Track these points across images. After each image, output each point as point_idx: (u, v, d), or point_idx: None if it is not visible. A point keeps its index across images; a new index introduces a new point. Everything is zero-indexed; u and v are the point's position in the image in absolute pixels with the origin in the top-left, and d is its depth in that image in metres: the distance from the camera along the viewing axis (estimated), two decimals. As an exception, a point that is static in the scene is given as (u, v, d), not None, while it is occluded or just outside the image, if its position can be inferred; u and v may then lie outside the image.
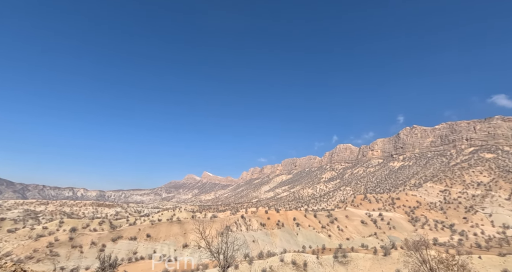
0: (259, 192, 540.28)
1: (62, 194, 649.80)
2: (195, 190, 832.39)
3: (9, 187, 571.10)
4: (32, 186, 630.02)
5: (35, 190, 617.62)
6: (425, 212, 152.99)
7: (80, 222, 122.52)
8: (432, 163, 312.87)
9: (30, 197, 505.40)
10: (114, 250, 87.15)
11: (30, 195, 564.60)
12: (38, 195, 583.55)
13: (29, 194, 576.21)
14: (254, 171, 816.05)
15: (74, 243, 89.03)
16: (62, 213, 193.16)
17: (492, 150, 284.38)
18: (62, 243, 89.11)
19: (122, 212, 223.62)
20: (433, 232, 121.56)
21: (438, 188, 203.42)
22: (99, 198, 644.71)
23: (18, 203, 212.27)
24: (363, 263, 65.70)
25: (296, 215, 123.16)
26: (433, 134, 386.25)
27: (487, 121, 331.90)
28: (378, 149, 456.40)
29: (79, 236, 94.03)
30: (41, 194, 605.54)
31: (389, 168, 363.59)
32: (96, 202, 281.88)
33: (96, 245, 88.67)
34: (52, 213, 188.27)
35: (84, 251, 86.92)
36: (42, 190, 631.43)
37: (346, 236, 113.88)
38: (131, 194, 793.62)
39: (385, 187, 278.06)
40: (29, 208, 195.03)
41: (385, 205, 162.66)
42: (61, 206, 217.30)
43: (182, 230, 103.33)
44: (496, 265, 61.67)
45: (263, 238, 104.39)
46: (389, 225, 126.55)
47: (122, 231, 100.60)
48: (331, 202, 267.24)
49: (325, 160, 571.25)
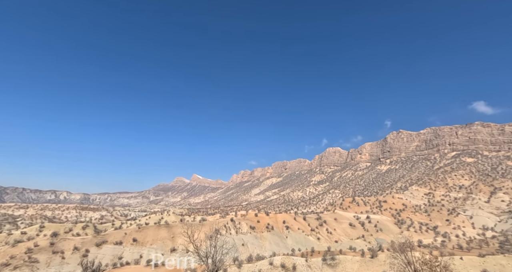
0: (249, 195, 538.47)
1: (43, 197, 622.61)
2: (184, 193, 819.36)
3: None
4: (10, 189, 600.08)
5: (13, 193, 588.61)
6: (410, 214, 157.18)
7: (62, 227, 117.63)
8: (417, 166, 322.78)
9: (8, 201, 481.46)
10: (98, 256, 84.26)
11: (8, 199, 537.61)
12: (17, 198, 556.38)
13: (7, 198, 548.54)
14: (245, 173, 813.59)
15: (55, 249, 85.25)
16: (43, 217, 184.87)
17: (472, 155, 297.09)
18: (42, 249, 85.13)
19: (108, 215, 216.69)
20: (418, 234, 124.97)
21: (423, 191, 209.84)
22: (83, 202, 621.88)
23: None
24: (351, 266, 66.56)
25: (286, 218, 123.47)
26: (418, 139, 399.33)
27: (468, 127, 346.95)
28: (366, 153, 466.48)
29: (60, 241, 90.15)
30: (20, 197, 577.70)
31: (377, 172, 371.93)
32: (80, 205, 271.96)
33: (79, 251, 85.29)
34: (32, 218, 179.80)
35: (66, 257, 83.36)
36: (21, 193, 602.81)
37: (334, 238, 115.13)
38: (117, 197, 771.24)
39: (373, 190, 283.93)
40: (6, 213, 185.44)
41: (373, 208, 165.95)
42: (42, 210, 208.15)
43: (170, 234, 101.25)
44: (476, 265, 64.06)
45: (253, 241, 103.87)
46: (376, 227, 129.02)
47: (107, 236, 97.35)
48: (320, 205, 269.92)
49: (315, 163, 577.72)
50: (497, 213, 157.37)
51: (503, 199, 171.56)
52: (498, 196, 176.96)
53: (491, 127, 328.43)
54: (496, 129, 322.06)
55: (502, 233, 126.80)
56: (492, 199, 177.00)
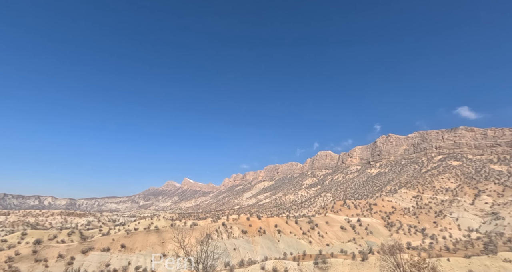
0: (241, 199, 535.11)
1: (26, 203, 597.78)
2: (175, 197, 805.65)
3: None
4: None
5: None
6: (399, 217, 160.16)
7: (46, 234, 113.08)
8: (406, 170, 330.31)
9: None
10: (84, 263, 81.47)
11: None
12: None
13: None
14: (236, 177, 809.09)
15: (38, 257, 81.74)
16: (25, 224, 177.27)
17: (458, 158, 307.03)
18: (24, 257, 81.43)
19: (95, 221, 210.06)
20: (407, 236, 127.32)
21: (411, 194, 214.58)
22: (69, 207, 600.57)
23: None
24: (342, 268, 66.98)
25: (278, 221, 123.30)
26: (407, 142, 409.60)
27: (453, 131, 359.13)
28: (357, 156, 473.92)
29: (44, 249, 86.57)
30: (1, 203, 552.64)
31: (367, 175, 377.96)
32: (65, 211, 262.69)
33: (63, 258, 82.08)
34: (14, 224, 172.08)
35: (49, 265, 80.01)
36: (3, 199, 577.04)
37: (326, 242, 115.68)
38: (105, 202, 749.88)
39: (363, 193, 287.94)
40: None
41: (363, 211, 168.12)
42: (24, 216, 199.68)
43: (160, 239, 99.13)
44: (462, 266, 65.78)
45: (245, 245, 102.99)
46: (366, 230, 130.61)
47: (93, 242, 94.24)
48: (312, 208, 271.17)
49: (307, 167, 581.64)
50: (481, 215, 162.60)
51: (487, 201, 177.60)
52: (482, 198, 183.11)
53: (474, 131, 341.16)
54: (479, 133, 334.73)
55: (486, 234, 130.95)
56: (476, 201, 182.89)
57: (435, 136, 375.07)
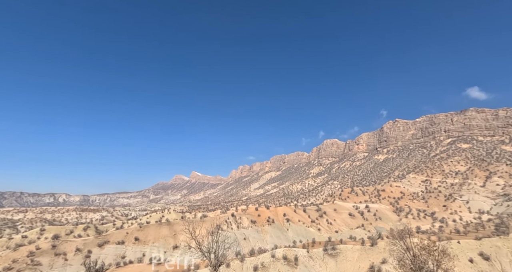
0: (249, 190, 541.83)
1: (42, 200, 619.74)
2: (184, 191, 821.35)
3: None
4: (8, 193, 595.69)
5: (11, 197, 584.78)
6: (408, 202, 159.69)
7: (63, 229, 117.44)
8: (414, 155, 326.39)
9: (6, 205, 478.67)
10: (101, 256, 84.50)
11: (7, 203, 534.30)
12: (16, 202, 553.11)
13: (5, 202, 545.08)
14: (243, 169, 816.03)
15: (57, 251, 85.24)
16: (43, 220, 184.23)
17: (468, 141, 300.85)
18: (44, 252, 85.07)
19: (108, 216, 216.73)
20: (416, 221, 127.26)
21: (420, 178, 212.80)
22: (83, 203, 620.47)
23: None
24: (352, 254, 67.69)
25: (286, 211, 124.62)
26: (414, 127, 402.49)
27: (463, 113, 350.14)
28: (363, 143, 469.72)
29: (62, 243, 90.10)
30: (18, 201, 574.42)
31: (374, 161, 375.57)
32: (79, 207, 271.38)
33: (81, 252, 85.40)
34: (32, 221, 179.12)
35: (68, 258, 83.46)
36: (19, 198, 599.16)
37: (335, 229, 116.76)
38: (117, 197, 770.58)
39: (371, 179, 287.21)
40: (5, 217, 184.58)
41: (371, 197, 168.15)
42: (41, 213, 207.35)
43: (172, 231, 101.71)
44: (473, 248, 65.56)
45: (254, 235, 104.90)
46: (375, 216, 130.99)
47: (108, 236, 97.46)
48: (319, 196, 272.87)
49: (313, 156, 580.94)
50: (492, 197, 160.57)
51: (498, 183, 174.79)
52: (493, 180, 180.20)
53: (485, 112, 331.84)
54: (490, 114, 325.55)
55: (498, 216, 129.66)
56: (487, 183, 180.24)
57: (443, 119, 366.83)
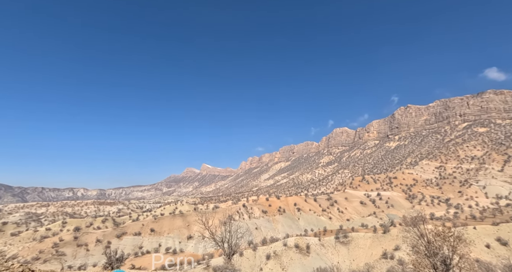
0: (259, 181, 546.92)
1: (62, 195, 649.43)
2: (195, 183, 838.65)
3: (8, 191, 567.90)
4: (31, 189, 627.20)
5: (34, 192, 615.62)
6: (421, 189, 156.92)
7: (83, 221, 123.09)
8: (427, 141, 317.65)
9: (30, 200, 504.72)
10: (120, 246, 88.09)
11: (30, 198, 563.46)
12: (38, 197, 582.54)
13: (28, 197, 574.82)
14: (253, 160, 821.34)
15: (79, 242, 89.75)
16: (64, 213, 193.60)
17: (485, 124, 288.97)
18: (67, 243, 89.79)
19: (124, 209, 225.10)
20: (429, 208, 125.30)
21: (434, 164, 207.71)
22: (99, 197, 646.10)
23: (18, 207, 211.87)
24: (364, 242, 67.67)
25: (297, 200, 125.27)
26: (427, 112, 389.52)
27: (480, 96, 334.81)
28: (374, 131, 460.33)
29: (83, 235, 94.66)
30: (40, 196, 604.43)
31: (386, 149, 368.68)
32: (97, 200, 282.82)
33: (101, 243, 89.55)
34: (54, 214, 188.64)
35: (90, 249, 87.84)
36: (41, 192, 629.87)
37: (346, 217, 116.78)
38: (131, 190, 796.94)
39: (382, 167, 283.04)
40: (30, 211, 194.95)
41: (383, 185, 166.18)
42: (62, 207, 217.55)
43: (185, 222, 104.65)
44: (490, 234, 64.04)
45: (266, 224, 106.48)
46: (387, 203, 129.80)
47: (126, 228, 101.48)
48: (330, 185, 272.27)
49: (322, 145, 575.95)
50: (511, 181, 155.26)
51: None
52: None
53: (504, 94, 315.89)
54: (510, 95, 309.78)
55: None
56: (506, 167, 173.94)
57: (459, 103, 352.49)
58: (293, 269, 57.50)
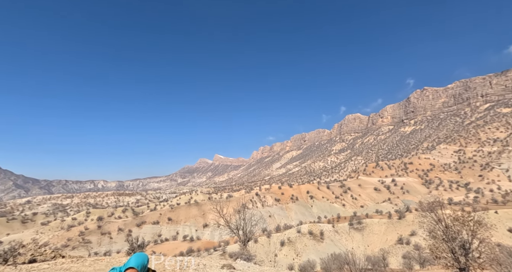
0: (271, 170, 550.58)
1: (84, 187, 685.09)
2: (209, 173, 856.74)
3: (35, 184, 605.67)
4: (55, 181, 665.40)
5: (59, 185, 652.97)
6: (439, 173, 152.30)
7: (105, 211, 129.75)
8: (445, 124, 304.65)
9: (55, 192, 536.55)
10: (140, 234, 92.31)
11: (55, 190, 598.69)
12: (62, 189, 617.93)
13: (54, 189, 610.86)
14: (264, 149, 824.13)
15: (102, 231, 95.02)
16: (87, 204, 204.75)
17: (509, 104, 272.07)
18: (92, 231, 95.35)
19: (142, 199, 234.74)
20: (448, 193, 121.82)
21: (452, 148, 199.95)
22: (118, 188, 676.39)
23: (46, 198, 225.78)
24: (378, 228, 67.18)
25: (309, 188, 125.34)
26: (446, 94, 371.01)
27: (504, 74, 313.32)
28: (388, 116, 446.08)
29: (106, 224, 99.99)
30: (65, 188, 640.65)
31: (400, 134, 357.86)
32: (116, 192, 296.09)
33: (123, 231, 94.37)
34: (78, 205, 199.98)
35: (113, 237, 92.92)
36: (65, 185, 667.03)
37: (360, 204, 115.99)
38: (148, 182, 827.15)
39: (397, 153, 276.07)
40: (56, 202, 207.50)
41: (398, 171, 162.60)
42: (85, 198, 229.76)
43: (201, 211, 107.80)
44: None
45: (279, 212, 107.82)
46: (402, 189, 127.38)
47: (145, 217, 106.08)
48: (343, 173, 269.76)
49: (334, 132, 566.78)
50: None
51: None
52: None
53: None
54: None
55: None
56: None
57: (480, 82, 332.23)
58: (307, 255, 58.29)
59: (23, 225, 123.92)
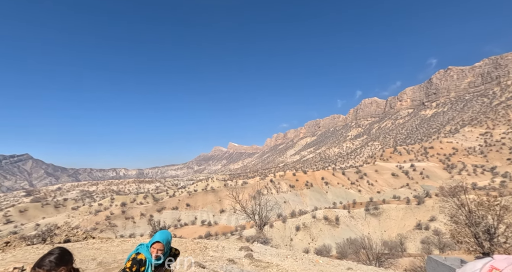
0: (285, 157, 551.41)
1: (107, 174, 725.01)
2: (224, 161, 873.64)
3: (64, 172, 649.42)
4: (82, 170, 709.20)
5: (84, 173, 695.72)
6: (462, 158, 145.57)
7: (128, 198, 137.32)
8: (470, 105, 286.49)
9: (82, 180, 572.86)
10: (161, 219, 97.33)
11: (82, 178, 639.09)
12: (88, 177, 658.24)
13: (81, 177, 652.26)
14: (278, 137, 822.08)
15: (126, 215, 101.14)
16: (111, 191, 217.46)
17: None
18: (117, 216, 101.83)
19: (161, 186, 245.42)
20: (471, 177, 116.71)
21: (478, 131, 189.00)
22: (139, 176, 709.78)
23: (74, 185, 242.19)
24: (396, 213, 66.28)
25: (324, 174, 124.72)
26: (472, 73, 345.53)
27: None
28: (408, 99, 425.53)
29: (129, 209, 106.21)
30: (90, 176, 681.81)
31: (421, 117, 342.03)
32: (137, 179, 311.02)
33: (144, 216, 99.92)
34: (103, 192, 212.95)
35: (136, 221, 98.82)
36: (90, 173, 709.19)
37: (376, 189, 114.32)
38: (166, 169, 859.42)
39: (417, 137, 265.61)
40: (83, 189, 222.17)
41: (417, 156, 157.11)
42: (109, 185, 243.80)
43: (217, 197, 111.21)
44: (544, 204, 58.36)
45: (293, 198, 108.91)
46: (422, 175, 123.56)
47: (164, 203, 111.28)
48: (359, 158, 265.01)
49: (350, 117, 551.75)
50: None
51: None
52: None
53: None
54: None
55: None
56: None
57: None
58: (322, 240, 59.10)
59: (56, 210, 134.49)
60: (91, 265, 7.33)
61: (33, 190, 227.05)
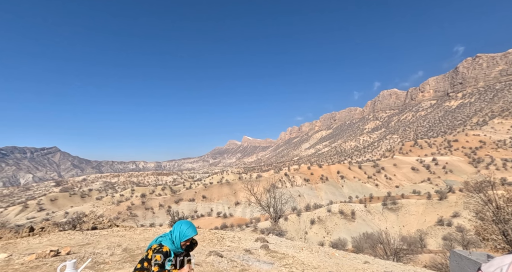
0: (299, 150, 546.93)
1: (127, 167, 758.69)
2: (238, 154, 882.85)
3: (88, 164, 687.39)
4: (104, 162, 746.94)
5: (107, 165, 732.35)
6: (490, 151, 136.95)
7: (147, 189, 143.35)
8: (501, 95, 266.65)
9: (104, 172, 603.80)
10: (178, 210, 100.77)
11: (104, 170, 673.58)
12: (110, 169, 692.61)
13: (103, 169, 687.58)
14: (292, 130, 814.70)
15: (146, 206, 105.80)
16: (131, 182, 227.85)
17: None
18: (137, 207, 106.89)
19: (178, 178, 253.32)
20: (500, 172, 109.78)
21: (509, 123, 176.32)
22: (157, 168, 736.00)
23: (97, 177, 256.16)
24: (415, 209, 64.16)
25: (340, 168, 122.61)
26: (505, 61, 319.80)
27: None
28: (430, 90, 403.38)
29: (148, 200, 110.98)
30: (112, 168, 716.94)
31: (445, 109, 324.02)
32: (155, 172, 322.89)
33: (163, 207, 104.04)
34: (124, 183, 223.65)
35: (155, 211, 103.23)
36: (112, 165, 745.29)
37: (395, 184, 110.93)
38: (182, 162, 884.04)
39: (440, 130, 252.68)
40: (106, 180, 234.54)
41: (440, 149, 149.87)
42: (129, 177, 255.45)
43: (232, 190, 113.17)
44: None
45: (308, 192, 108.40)
46: (444, 169, 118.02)
47: (181, 195, 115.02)
48: (376, 152, 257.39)
49: (367, 110, 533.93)
50: None
51: None
52: None
53: None
54: None
55: None
56: None
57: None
58: (338, 234, 58.69)
59: (82, 199, 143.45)
60: (117, 251, 7.79)
61: (61, 181, 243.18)
